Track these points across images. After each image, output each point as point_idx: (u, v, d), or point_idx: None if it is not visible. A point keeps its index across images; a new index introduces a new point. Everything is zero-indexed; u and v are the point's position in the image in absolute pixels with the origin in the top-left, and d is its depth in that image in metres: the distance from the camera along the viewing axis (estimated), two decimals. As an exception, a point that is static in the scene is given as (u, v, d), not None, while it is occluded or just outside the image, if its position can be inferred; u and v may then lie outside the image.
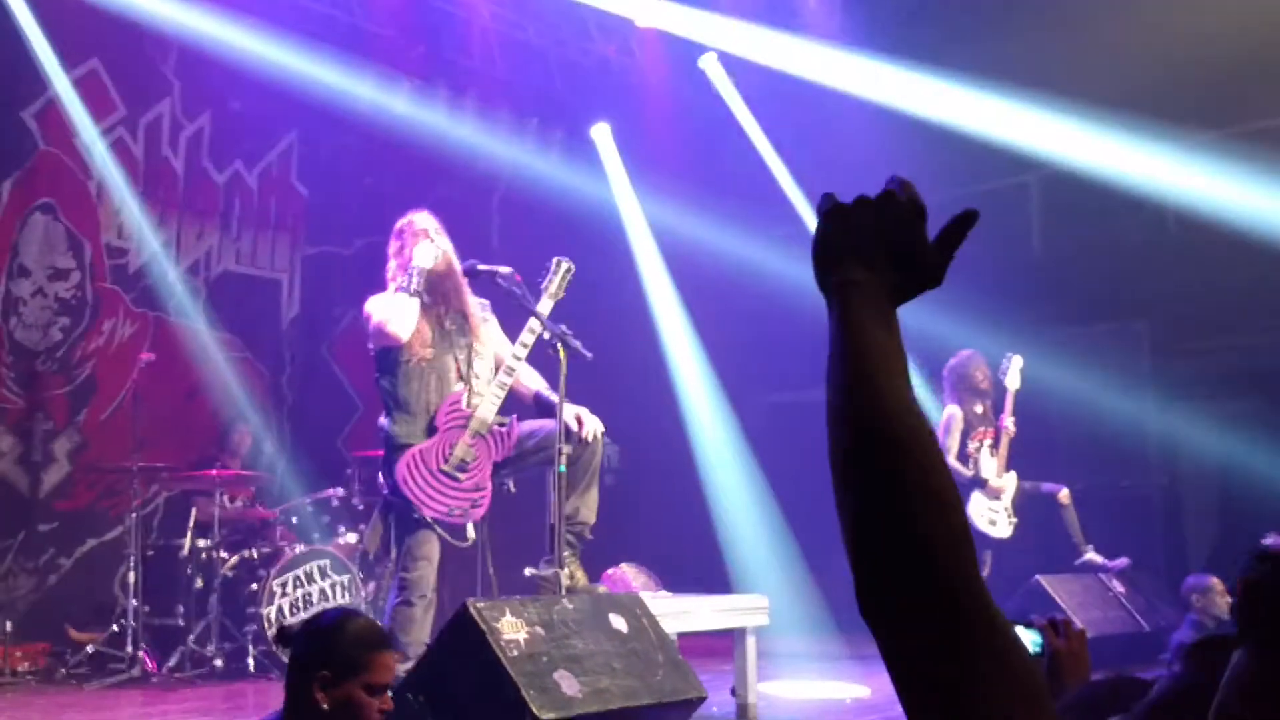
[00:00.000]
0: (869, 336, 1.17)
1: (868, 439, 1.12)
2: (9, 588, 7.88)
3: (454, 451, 5.39)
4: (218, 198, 9.47)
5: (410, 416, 5.45)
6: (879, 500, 1.10)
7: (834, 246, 1.24)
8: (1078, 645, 2.22)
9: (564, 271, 5.66)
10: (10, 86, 8.29)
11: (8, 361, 8.23)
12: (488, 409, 5.48)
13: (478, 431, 5.45)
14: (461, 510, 5.40)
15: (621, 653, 4.73)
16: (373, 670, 2.73)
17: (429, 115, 10.05)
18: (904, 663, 1.06)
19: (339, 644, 2.75)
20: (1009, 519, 7.95)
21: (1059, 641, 2.21)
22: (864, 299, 1.19)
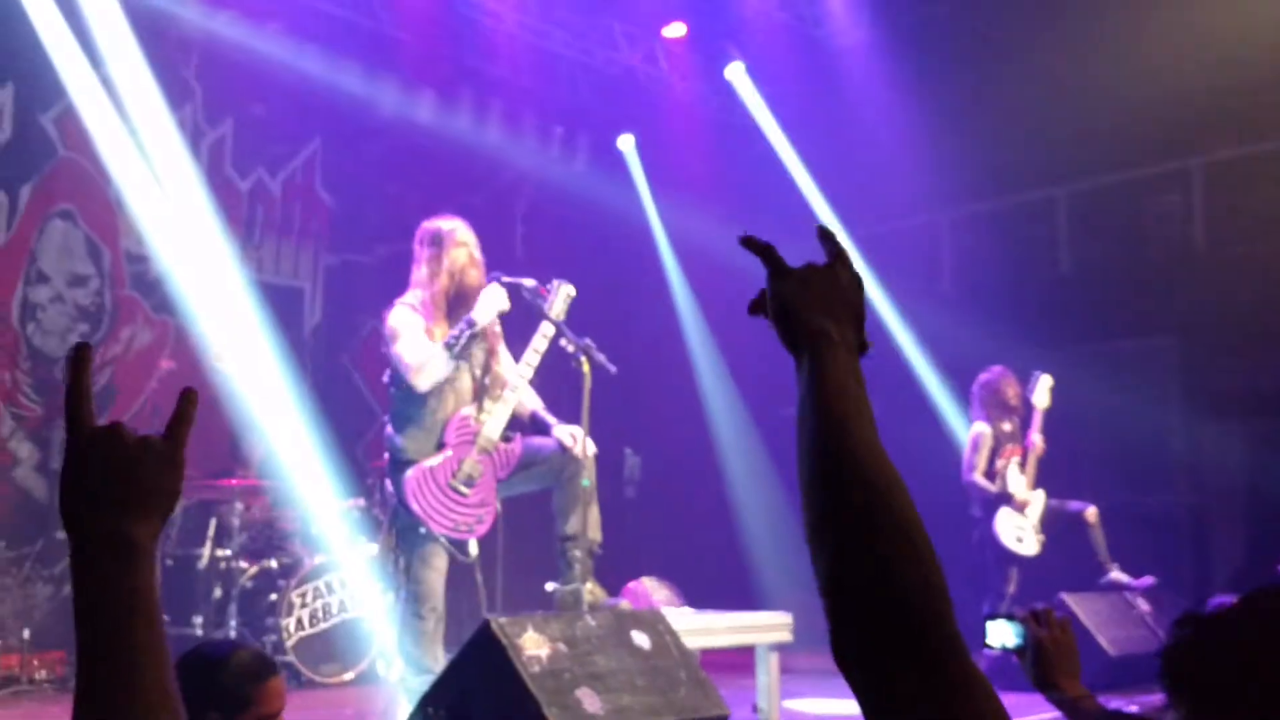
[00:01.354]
0: (844, 387, 1.22)
1: (845, 487, 1.15)
2: (27, 595, 7.85)
3: (461, 468, 5.36)
4: (241, 205, 9.44)
5: (422, 433, 5.39)
6: (856, 546, 1.12)
7: (799, 302, 1.31)
8: (1061, 633, 2.28)
9: (564, 294, 5.52)
10: (30, 91, 8.28)
11: (26, 368, 8.21)
12: (494, 427, 5.43)
13: (484, 449, 5.41)
14: (467, 526, 5.38)
15: (644, 670, 4.68)
16: (262, 701, 2.64)
17: (453, 123, 10.03)
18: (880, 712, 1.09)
19: (222, 681, 2.63)
20: (1036, 536, 7.87)
21: (1041, 631, 2.26)
22: (835, 351, 1.25)
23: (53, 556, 8.11)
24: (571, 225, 10.58)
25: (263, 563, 7.52)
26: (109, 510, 1.18)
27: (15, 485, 8.09)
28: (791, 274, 1.34)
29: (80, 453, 1.21)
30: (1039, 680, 2.28)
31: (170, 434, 1.25)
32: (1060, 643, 2.27)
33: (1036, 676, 2.28)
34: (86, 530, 1.18)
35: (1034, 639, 2.27)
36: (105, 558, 1.16)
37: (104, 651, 1.14)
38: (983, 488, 7.89)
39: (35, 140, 8.33)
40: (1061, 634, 2.28)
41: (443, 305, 5.41)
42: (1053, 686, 2.26)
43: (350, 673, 7.44)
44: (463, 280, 5.43)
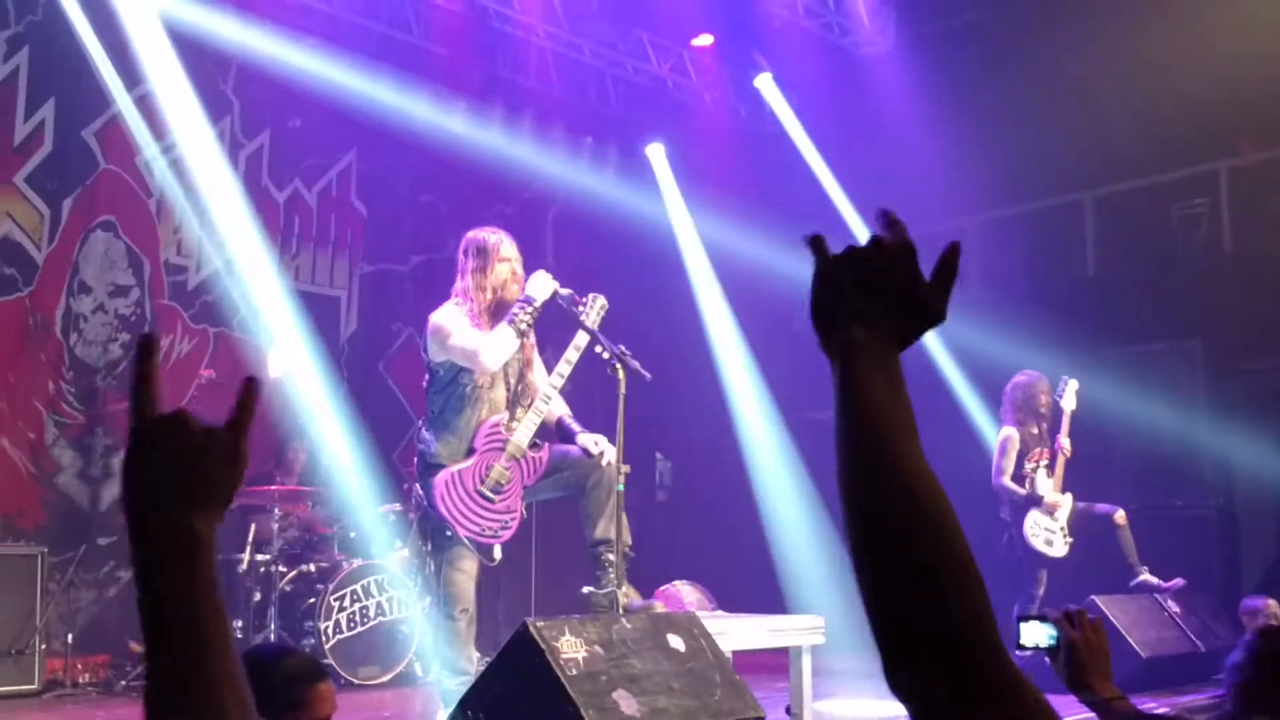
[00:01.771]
0: (876, 397, 1.17)
1: (887, 502, 1.12)
2: (70, 600, 7.98)
3: (490, 474, 5.40)
4: (278, 216, 9.57)
5: (455, 438, 5.43)
6: (902, 563, 1.09)
7: (830, 309, 1.23)
8: (1093, 634, 2.27)
9: (599, 307, 5.58)
10: (72, 105, 8.43)
11: (69, 377, 8.36)
12: (524, 434, 5.47)
13: (513, 455, 5.45)
14: (492, 531, 5.40)
15: (679, 672, 4.73)
16: (311, 706, 2.67)
17: (485, 134, 10.13)
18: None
19: (271, 683, 2.64)
20: (1065, 538, 7.89)
21: (1074, 632, 2.25)
22: (867, 358, 1.19)
23: (95, 562, 8.25)
24: (601, 234, 10.66)
25: (301, 567, 7.63)
26: (172, 500, 1.15)
27: (58, 492, 8.23)
28: (823, 276, 1.25)
29: (144, 441, 1.17)
30: (1072, 681, 2.27)
31: (233, 425, 1.21)
32: (1093, 644, 2.27)
33: (1069, 678, 2.27)
34: (148, 520, 1.15)
35: (1067, 640, 2.27)
36: (168, 548, 1.14)
37: (171, 642, 1.12)
38: (1012, 491, 7.91)
39: (77, 153, 8.48)
40: (1094, 635, 2.28)
41: (484, 317, 5.48)
42: (1086, 688, 2.26)
43: (388, 675, 7.54)
44: (503, 295, 5.48)
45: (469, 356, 5.36)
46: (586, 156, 11.08)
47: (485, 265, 5.49)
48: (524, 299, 5.42)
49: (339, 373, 9.81)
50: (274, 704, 2.62)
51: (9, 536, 7.53)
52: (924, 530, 1.10)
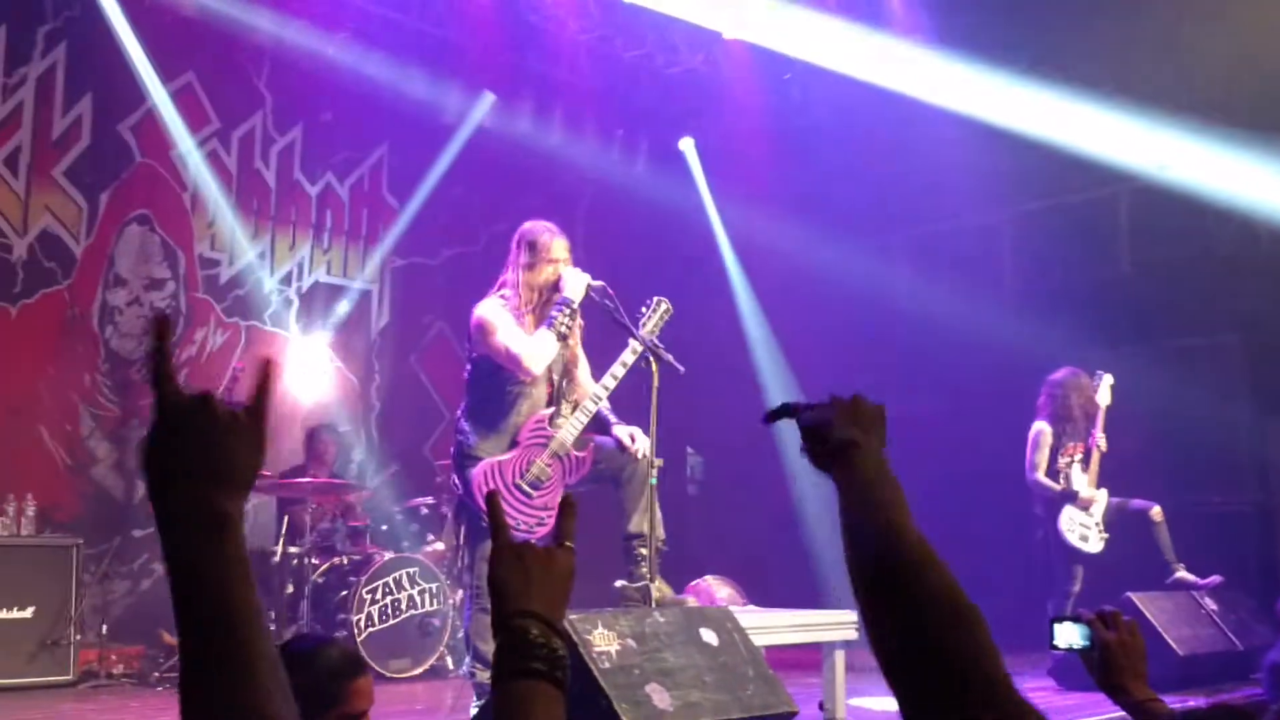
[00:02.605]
0: (878, 483, 1.40)
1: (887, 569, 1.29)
2: (105, 591, 8.03)
3: (531, 468, 5.38)
4: (310, 209, 9.61)
5: (495, 434, 5.40)
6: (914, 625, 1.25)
7: (826, 422, 1.50)
8: (1128, 635, 2.25)
9: (662, 311, 5.54)
10: (109, 99, 8.49)
11: (104, 370, 8.42)
12: (569, 433, 5.43)
13: (556, 453, 5.42)
14: (528, 527, 5.35)
15: (712, 666, 4.72)
16: (349, 700, 2.64)
17: (516, 127, 10.14)
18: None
19: (308, 677, 2.59)
20: (1100, 534, 7.84)
21: (1108, 633, 2.23)
22: (865, 454, 1.44)
23: (130, 553, 8.32)
24: (632, 226, 10.65)
25: (334, 559, 7.65)
26: (199, 480, 1.16)
27: (94, 483, 8.30)
28: (818, 405, 1.55)
29: (169, 421, 1.18)
30: (1106, 683, 2.25)
31: (253, 409, 1.22)
32: (1128, 645, 2.25)
33: (1104, 679, 2.25)
34: (175, 500, 1.16)
35: (1102, 641, 2.25)
36: (197, 528, 1.14)
37: (201, 621, 1.12)
38: (1046, 486, 7.86)
39: (113, 147, 8.55)
40: (1130, 636, 2.26)
41: (528, 315, 5.44)
42: (1120, 689, 2.24)
43: (419, 668, 7.55)
44: (548, 296, 5.44)
45: (511, 360, 5.34)
46: (617, 149, 11.07)
47: (534, 263, 5.44)
48: (561, 302, 5.39)
49: (371, 366, 9.85)
50: (311, 698, 2.53)
51: (45, 528, 7.59)
52: (929, 594, 1.25)
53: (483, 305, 5.46)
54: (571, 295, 5.40)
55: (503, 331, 5.35)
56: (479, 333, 5.41)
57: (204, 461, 1.17)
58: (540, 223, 5.59)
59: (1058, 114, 9.57)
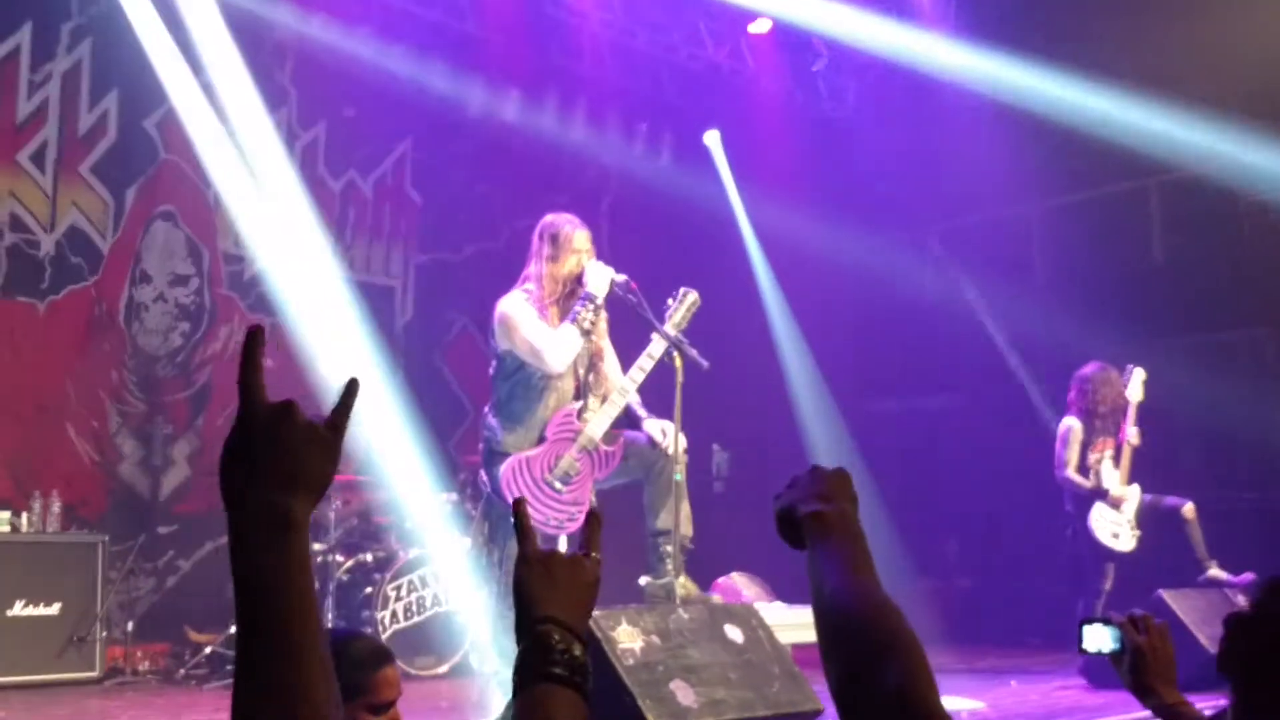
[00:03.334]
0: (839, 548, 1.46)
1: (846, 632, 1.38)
2: (130, 588, 8.06)
3: (559, 463, 5.35)
4: (334, 205, 9.61)
5: (522, 429, 5.39)
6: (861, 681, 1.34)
7: (788, 504, 1.56)
8: (1159, 640, 2.23)
9: (690, 303, 5.50)
10: (134, 96, 8.50)
11: (130, 366, 8.44)
12: (597, 427, 5.41)
13: (584, 447, 5.39)
14: (558, 522, 5.35)
15: (737, 663, 4.71)
16: (376, 690, 2.64)
17: (539, 121, 10.12)
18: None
19: (338, 668, 2.65)
20: (1132, 531, 7.75)
21: (1139, 637, 2.22)
22: (827, 519, 1.50)
23: (155, 550, 8.33)
24: (657, 221, 10.61)
25: (358, 557, 7.65)
26: (273, 485, 1.22)
27: (120, 480, 8.32)
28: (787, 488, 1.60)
29: (250, 427, 1.24)
30: (1137, 686, 2.24)
31: (333, 423, 1.29)
32: (1159, 650, 2.23)
33: (1134, 683, 2.24)
34: (250, 503, 1.21)
35: (1133, 645, 2.23)
36: (264, 529, 1.21)
37: (264, 620, 1.19)
38: (1076, 483, 7.77)
39: (139, 144, 8.57)
40: (1160, 641, 2.24)
41: (552, 308, 5.42)
42: (1151, 692, 2.22)
43: (445, 665, 7.54)
44: (572, 288, 5.43)
45: (535, 354, 5.32)
46: (641, 143, 11.04)
47: (557, 254, 5.43)
48: (584, 296, 5.38)
49: (395, 362, 9.84)
50: (341, 689, 2.61)
51: (71, 524, 7.62)
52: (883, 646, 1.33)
53: (506, 300, 5.44)
54: (595, 290, 5.38)
55: (526, 326, 5.33)
56: (503, 327, 5.40)
57: (280, 467, 1.23)
58: (562, 215, 5.58)
59: (1089, 106, 9.49)
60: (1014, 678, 7.17)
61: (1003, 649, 8.21)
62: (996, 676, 7.20)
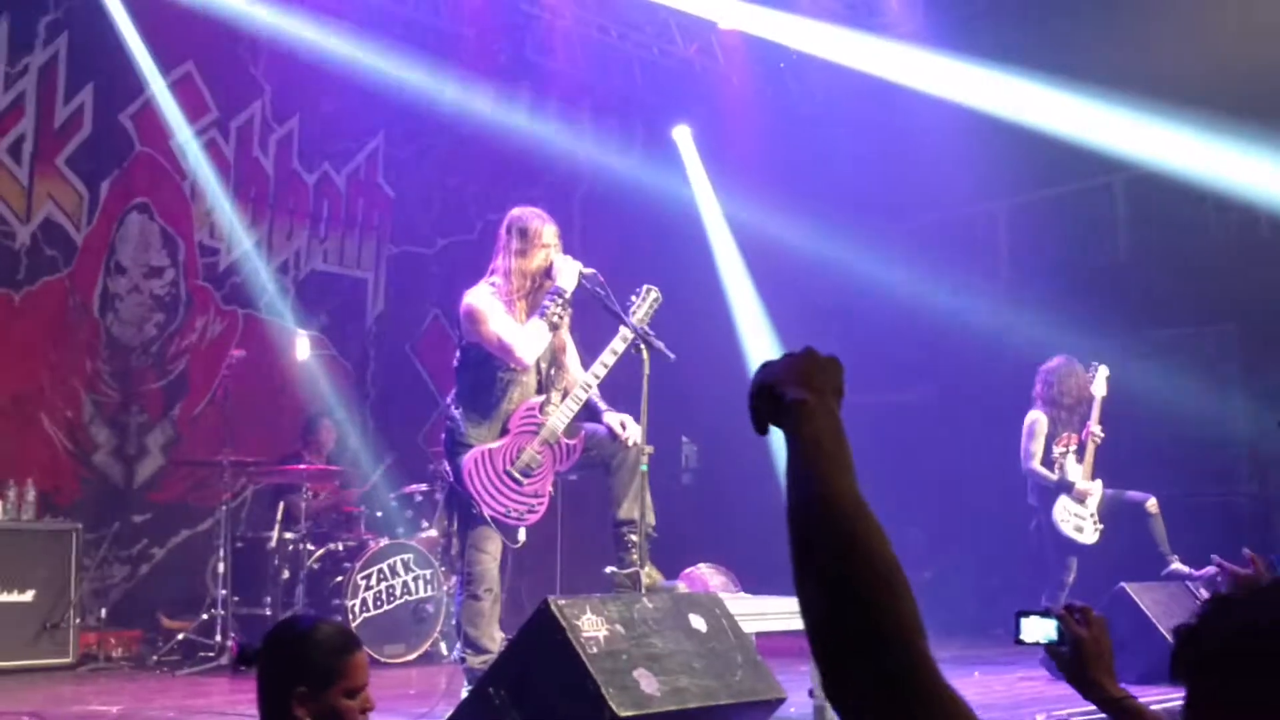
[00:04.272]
0: (821, 444, 1.38)
1: (822, 531, 1.30)
2: (104, 576, 8.11)
3: (521, 456, 5.39)
4: (307, 198, 9.65)
5: (485, 421, 5.42)
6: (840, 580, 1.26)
7: (773, 381, 1.47)
8: (1099, 632, 2.21)
9: (652, 300, 5.55)
10: (109, 89, 8.53)
11: (104, 356, 8.47)
12: (560, 421, 5.46)
13: (546, 440, 5.44)
14: (518, 514, 5.38)
15: (700, 652, 4.74)
16: (351, 674, 2.68)
17: (511, 116, 10.16)
18: None
19: (311, 655, 2.67)
20: (1095, 525, 7.84)
21: (1082, 630, 2.19)
22: (813, 414, 1.41)
23: (129, 538, 8.38)
24: (628, 216, 10.67)
25: (329, 545, 7.71)
26: None
27: (94, 469, 8.36)
28: (768, 363, 1.52)
29: None
30: (1080, 679, 2.21)
31: None
32: (1100, 642, 2.20)
33: (1077, 675, 2.21)
34: None
35: (1075, 637, 2.20)
36: None
37: None
38: (1042, 476, 7.86)
39: (114, 136, 8.59)
40: (1100, 633, 2.21)
41: (519, 302, 5.46)
42: (1094, 685, 2.19)
43: (413, 653, 7.62)
44: (540, 282, 5.47)
45: (502, 350, 5.36)
46: (613, 139, 11.09)
47: (526, 249, 5.45)
48: (554, 291, 5.41)
49: (367, 354, 9.89)
50: (312, 675, 2.65)
51: (46, 513, 7.64)
52: (863, 557, 1.27)
53: (472, 293, 5.46)
54: (565, 285, 5.42)
55: (494, 320, 5.37)
56: (469, 321, 5.42)
57: None
58: (529, 209, 5.61)
59: (1053, 103, 9.57)
60: (978, 668, 7.24)
61: (966, 640, 8.28)
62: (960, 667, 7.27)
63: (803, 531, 1.32)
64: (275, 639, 2.78)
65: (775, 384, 1.46)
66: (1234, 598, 1.35)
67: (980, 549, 9.81)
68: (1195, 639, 1.33)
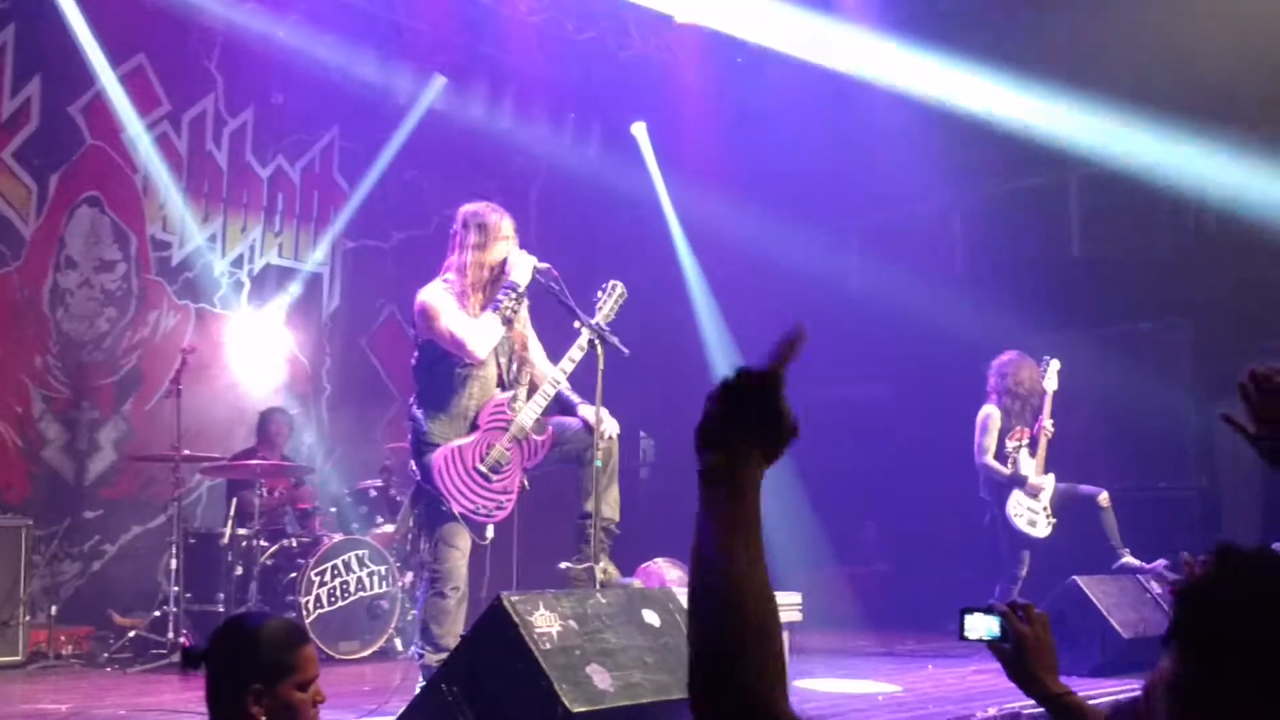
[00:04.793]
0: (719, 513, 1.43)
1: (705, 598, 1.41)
2: (55, 573, 8.02)
3: (491, 453, 5.38)
4: (261, 192, 9.58)
5: (448, 419, 5.40)
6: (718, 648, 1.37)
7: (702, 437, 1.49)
8: (1042, 629, 2.21)
9: (617, 295, 5.55)
10: (58, 81, 8.42)
11: (55, 351, 8.37)
12: (529, 417, 5.45)
13: (515, 436, 5.44)
14: (487, 510, 5.38)
15: (654, 647, 4.74)
16: (302, 668, 2.69)
17: (467, 110, 10.12)
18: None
19: (262, 651, 2.67)
20: (1047, 519, 7.91)
21: (1024, 626, 2.19)
22: (714, 481, 1.45)
23: (80, 535, 8.30)
24: (584, 211, 10.67)
25: (283, 542, 7.66)
26: None
27: (44, 465, 8.26)
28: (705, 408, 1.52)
29: None
30: (1022, 675, 2.21)
31: None
32: (1042, 639, 2.21)
33: (1019, 672, 2.21)
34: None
35: (1018, 634, 2.20)
36: None
37: None
38: (995, 470, 7.91)
39: (63, 129, 8.48)
40: (1043, 630, 2.22)
41: (476, 296, 5.44)
42: (1035, 682, 2.19)
43: (368, 650, 7.59)
44: (498, 275, 5.45)
45: (455, 344, 5.33)
46: (569, 133, 11.07)
47: (485, 242, 5.42)
48: (507, 285, 5.40)
49: (322, 349, 9.83)
50: (264, 672, 2.65)
51: (-5, 509, 7.55)
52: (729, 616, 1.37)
53: (426, 291, 5.44)
54: (519, 279, 5.42)
55: (446, 316, 5.35)
56: (423, 318, 5.41)
57: None
58: (483, 203, 5.61)
59: (1009, 100, 9.63)
60: (931, 661, 7.28)
61: (920, 633, 8.33)
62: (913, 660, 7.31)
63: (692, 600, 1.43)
64: (223, 638, 2.77)
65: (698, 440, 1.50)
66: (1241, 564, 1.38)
67: (935, 543, 9.87)
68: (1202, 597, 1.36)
